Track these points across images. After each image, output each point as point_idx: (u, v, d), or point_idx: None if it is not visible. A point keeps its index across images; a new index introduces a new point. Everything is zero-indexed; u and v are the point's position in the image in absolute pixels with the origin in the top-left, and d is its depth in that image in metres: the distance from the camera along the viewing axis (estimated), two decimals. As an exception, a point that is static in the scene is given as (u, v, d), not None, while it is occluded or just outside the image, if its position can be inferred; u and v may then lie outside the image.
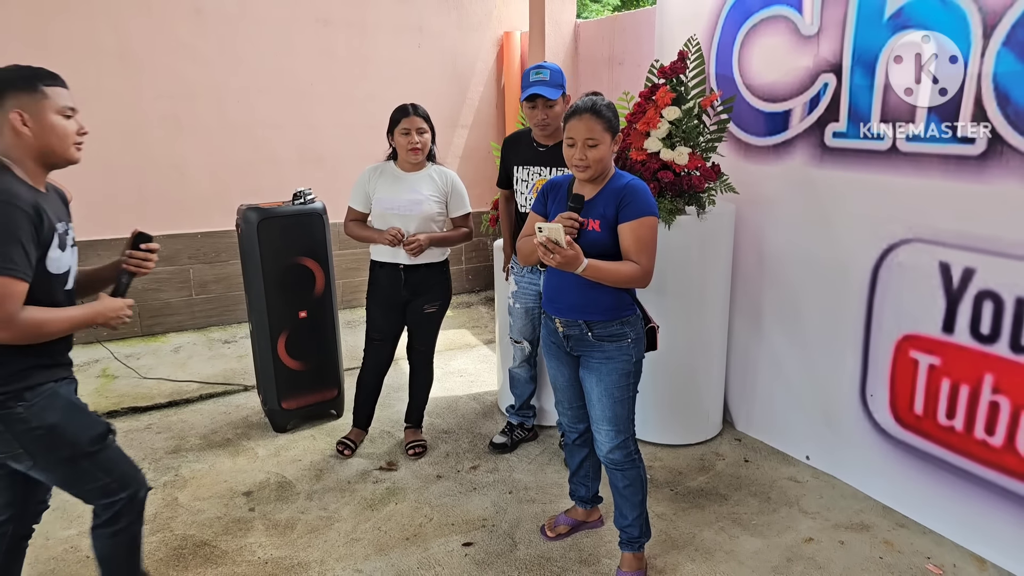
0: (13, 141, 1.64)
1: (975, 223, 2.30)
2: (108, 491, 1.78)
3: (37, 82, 1.66)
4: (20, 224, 1.56)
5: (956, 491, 2.47)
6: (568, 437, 2.41)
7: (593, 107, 2.01)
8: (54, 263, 1.67)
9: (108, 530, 1.81)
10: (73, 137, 1.71)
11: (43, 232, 1.62)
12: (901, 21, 2.43)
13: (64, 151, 1.70)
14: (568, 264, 1.93)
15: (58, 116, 1.68)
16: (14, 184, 1.60)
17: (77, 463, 1.72)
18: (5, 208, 1.54)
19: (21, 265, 1.55)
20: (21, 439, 1.65)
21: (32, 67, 1.68)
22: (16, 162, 1.65)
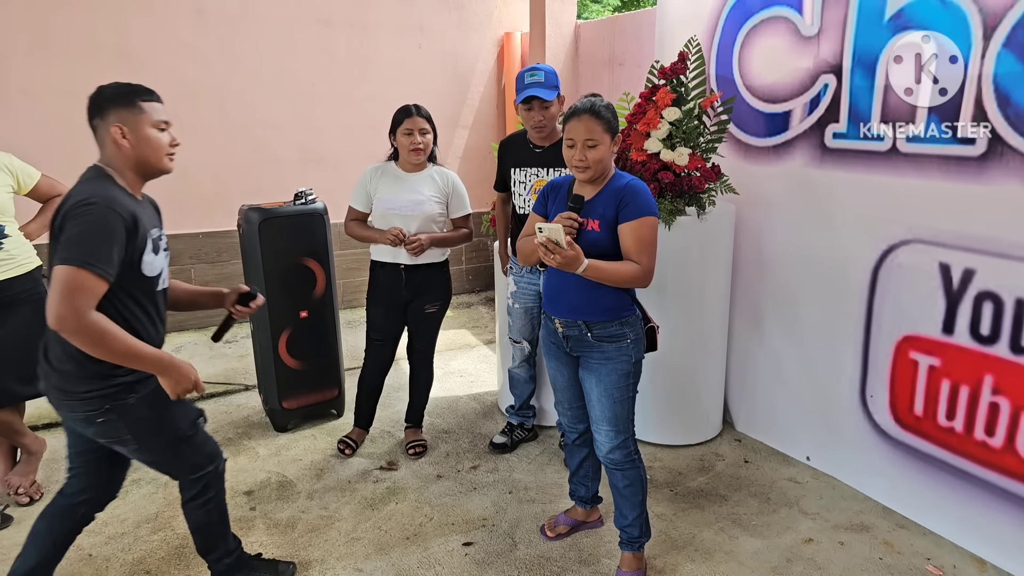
0: (114, 152, 1.79)
1: (975, 224, 2.31)
2: (198, 466, 1.97)
3: (136, 98, 1.79)
4: (115, 228, 1.67)
5: (956, 492, 2.47)
6: (568, 437, 2.42)
7: (592, 108, 2.02)
8: (148, 266, 1.79)
9: (200, 501, 2.01)
10: (167, 148, 1.85)
11: (137, 238, 1.74)
12: (901, 22, 2.43)
13: (158, 161, 1.84)
14: (568, 264, 1.93)
15: (153, 129, 1.81)
16: (115, 191, 1.74)
17: (177, 446, 1.91)
18: (105, 212, 1.66)
19: (106, 265, 1.65)
20: (131, 427, 1.81)
21: (132, 84, 1.82)
22: (117, 172, 1.80)
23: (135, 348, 1.70)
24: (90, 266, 1.62)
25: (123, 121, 1.77)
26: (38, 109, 4.22)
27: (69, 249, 1.63)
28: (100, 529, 2.57)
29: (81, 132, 4.97)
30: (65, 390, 1.77)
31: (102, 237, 1.65)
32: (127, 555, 2.43)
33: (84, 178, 1.78)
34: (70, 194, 1.72)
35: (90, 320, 1.62)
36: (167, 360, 1.76)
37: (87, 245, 1.63)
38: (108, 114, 1.77)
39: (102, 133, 1.78)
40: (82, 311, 1.61)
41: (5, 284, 2.52)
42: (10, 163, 2.59)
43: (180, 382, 1.78)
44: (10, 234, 2.54)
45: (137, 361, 1.71)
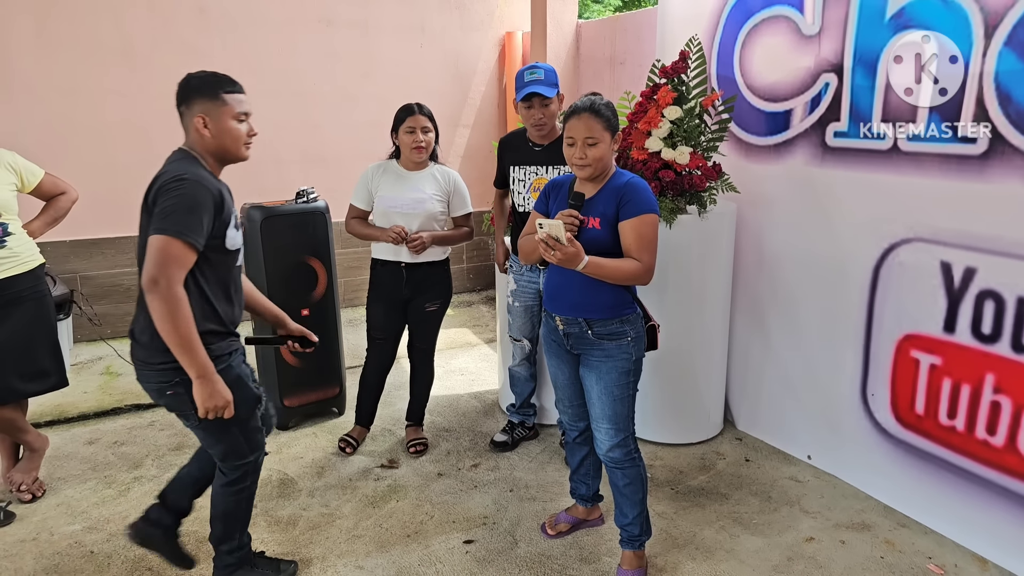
0: (197, 139, 1.91)
1: (976, 223, 2.30)
2: (241, 453, 2.02)
3: (219, 90, 1.90)
4: (205, 202, 1.79)
5: (957, 491, 2.47)
6: (569, 435, 2.42)
7: (592, 106, 2.02)
8: (230, 240, 1.91)
9: (234, 488, 2.05)
10: (244, 139, 1.95)
11: (223, 212, 1.86)
12: (902, 21, 2.43)
13: (236, 150, 1.95)
14: (569, 261, 1.93)
15: (233, 121, 1.92)
16: (203, 171, 1.87)
17: (229, 427, 1.95)
18: (195, 186, 1.79)
19: (196, 235, 1.76)
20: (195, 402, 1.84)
21: (217, 75, 1.93)
22: (200, 156, 1.92)
23: (194, 342, 1.76)
24: (182, 235, 1.73)
25: (206, 112, 1.88)
26: (41, 107, 4.23)
27: (163, 220, 1.74)
28: (102, 526, 2.58)
29: (83, 130, 5.00)
30: (144, 360, 1.88)
31: (192, 209, 1.76)
32: (129, 552, 2.43)
33: (172, 159, 1.90)
34: (162, 172, 1.85)
35: (176, 292, 1.73)
36: (210, 372, 1.80)
37: (179, 216, 1.74)
38: (193, 104, 1.89)
39: (187, 120, 1.91)
40: (172, 280, 1.73)
41: (9, 282, 2.53)
42: (14, 161, 2.59)
43: (213, 398, 1.81)
44: (14, 232, 2.55)
45: (188, 354, 1.75)
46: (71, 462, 3.06)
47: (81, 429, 3.39)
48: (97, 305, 4.54)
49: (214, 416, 1.84)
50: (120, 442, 3.25)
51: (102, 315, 4.56)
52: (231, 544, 2.13)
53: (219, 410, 1.84)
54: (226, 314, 1.94)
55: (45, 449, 2.84)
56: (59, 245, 4.32)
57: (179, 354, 1.76)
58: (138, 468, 3.01)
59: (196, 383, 1.79)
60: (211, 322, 1.88)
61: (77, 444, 3.23)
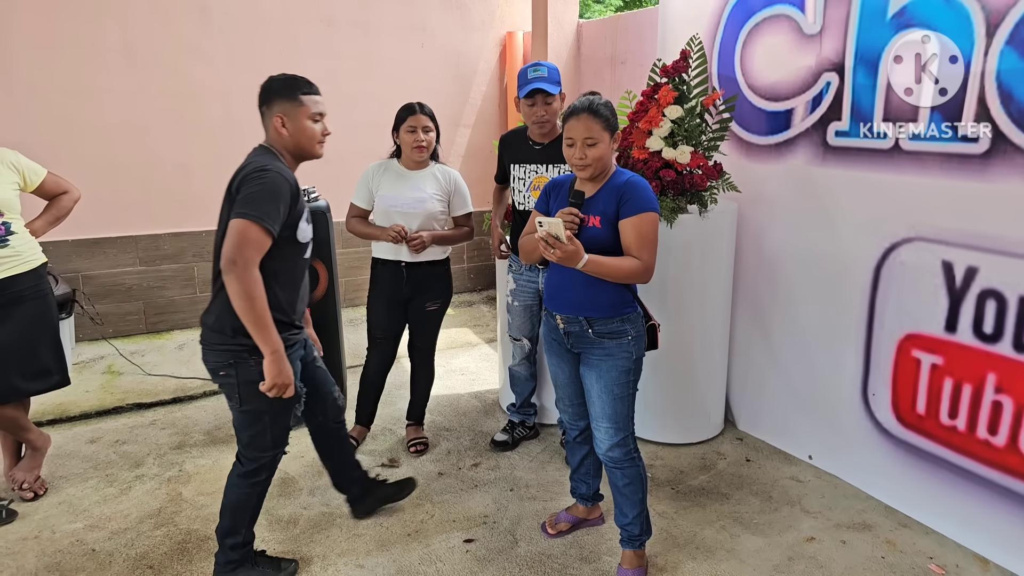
0: (275, 137, 2.05)
1: (978, 222, 2.30)
2: (264, 446, 2.09)
3: (297, 92, 2.03)
4: (283, 192, 1.92)
5: (959, 491, 2.46)
6: (569, 434, 2.42)
7: (591, 106, 2.02)
8: (302, 232, 2.03)
9: (249, 480, 2.12)
10: (318, 137, 2.08)
11: (298, 205, 1.99)
12: (904, 20, 2.43)
13: (311, 149, 2.08)
14: (569, 259, 1.94)
15: (309, 121, 2.04)
16: (281, 165, 2.00)
17: (262, 417, 2.04)
18: (276, 178, 1.92)
19: (273, 222, 1.89)
20: (242, 386, 1.98)
21: (295, 78, 2.06)
22: (278, 152, 2.05)
23: (268, 320, 1.88)
24: (260, 221, 1.86)
25: (284, 112, 2.01)
26: (43, 107, 4.24)
27: (245, 206, 1.87)
28: (103, 524, 2.58)
29: (85, 130, 5.01)
30: (206, 340, 2.01)
31: (272, 198, 1.89)
32: (130, 550, 2.44)
33: (254, 153, 2.04)
34: (245, 164, 1.99)
35: (252, 272, 1.85)
36: (282, 351, 1.92)
37: (260, 203, 1.87)
38: (273, 104, 2.03)
39: (267, 119, 2.05)
40: (249, 261, 1.85)
41: (11, 280, 2.53)
42: (16, 161, 2.60)
43: (281, 374, 1.92)
44: (16, 231, 2.56)
45: (263, 332, 1.87)
46: (73, 461, 3.06)
47: (83, 428, 3.39)
48: (99, 304, 4.55)
49: (276, 394, 1.93)
50: (121, 441, 3.25)
51: (104, 314, 4.57)
52: (235, 539, 2.16)
53: (282, 389, 1.93)
54: (290, 304, 2.05)
55: (47, 448, 2.85)
56: (61, 244, 4.33)
57: (254, 332, 1.87)
58: (139, 467, 3.01)
59: (268, 359, 1.90)
60: (275, 311, 1.95)
61: (79, 443, 3.23)
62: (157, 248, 4.69)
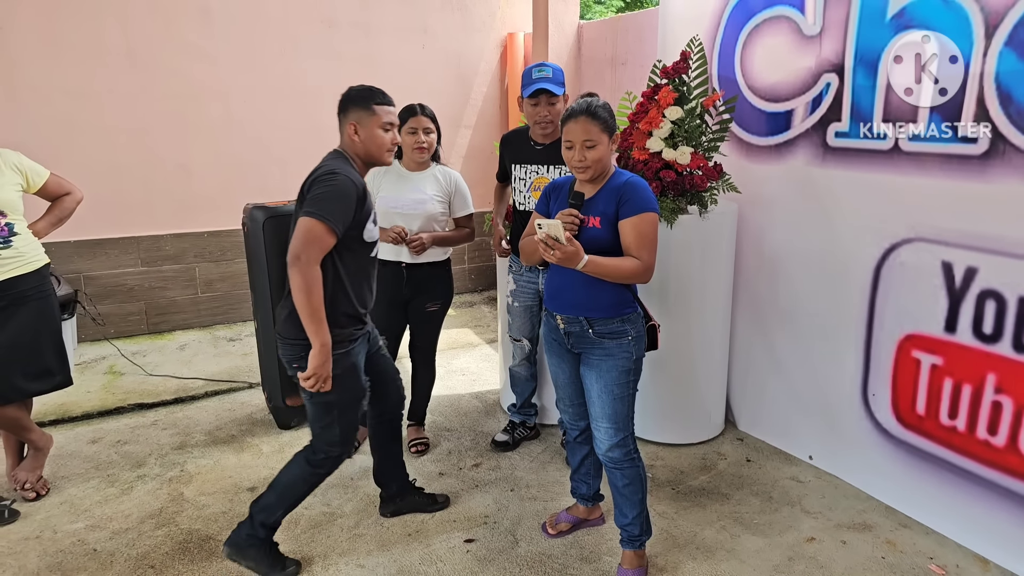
0: (348, 143, 2.18)
1: (978, 222, 2.30)
2: (332, 440, 2.21)
3: (371, 102, 2.13)
4: (351, 195, 2.04)
5: (959, 491, 2.46)
6: (569, 435, 2.42)
7: (589, 108, 2.03)
8: (368, 233, 2.15)
9: (311, 468, 2.23)
10: (388, 145, 2.17)
11: (365, 207, 2.10)
12: (903, 21, 2.43)
13: (379, 156, 2.18)
14: (568, 260, 1.94)
15: (380, 129, 2.14)
16: (351, 169, 2.12)
17: (330, 409, 2.17)
18: (345, 181, 2.04)
19: (338, 222, 2.00)
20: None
21: (372, 89, 2.16)
22: (350, 157, 2.17)
23: (321, 315, 2.00)
24: (326, 220, 1.98)
25: (358, 120, 2.13)
26: (45, 108, 4.25)
27: (314, 205, 1.99)
28: (104, 524, 2.59)
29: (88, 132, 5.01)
30: (280, 333, 2.15)
31: (339, 200, 2.01)
32: (131, 550, 2.44)
33: (329, 157, 2.16)
34: (318, 167, 2.10)
35: (313, 269, 1.98)
36: (328, 345, 2.03)
37: (327, 204, 1.99)
38: (349, 112, 2.15)
39: (342, 126, 2.17)
40: (312, 258, 1.98)
41: (14, 281, 2.54)
42: (19, 162, 2.61)
43: (323, 367, 2.03)
44: (19, 232, 2.57)
45: (315, 324, 1.99)
46: (74, 461, 3.07)
47: (84, 428, 3.40)
48: (101, 305, 4.56)
49: (314, 383, 2.03)
50: (123, 441, 3.26)
51: (105, 315, 4.58)
52: (268, 516, 2.24)
53: (319, 379, 2.04)
54: (359, 299, 2.17)
55: (49, 448, 2.85)
56: (63, 245, 4.34)
57: (307, 323, 1.99)
58: (141, 467, 3.02)
59: (314, 350, 2.01)
60: (344, 305, 2.12)
61: (80, 443, 3.24)
62: (158, 249, 4.70)
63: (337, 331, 2.09)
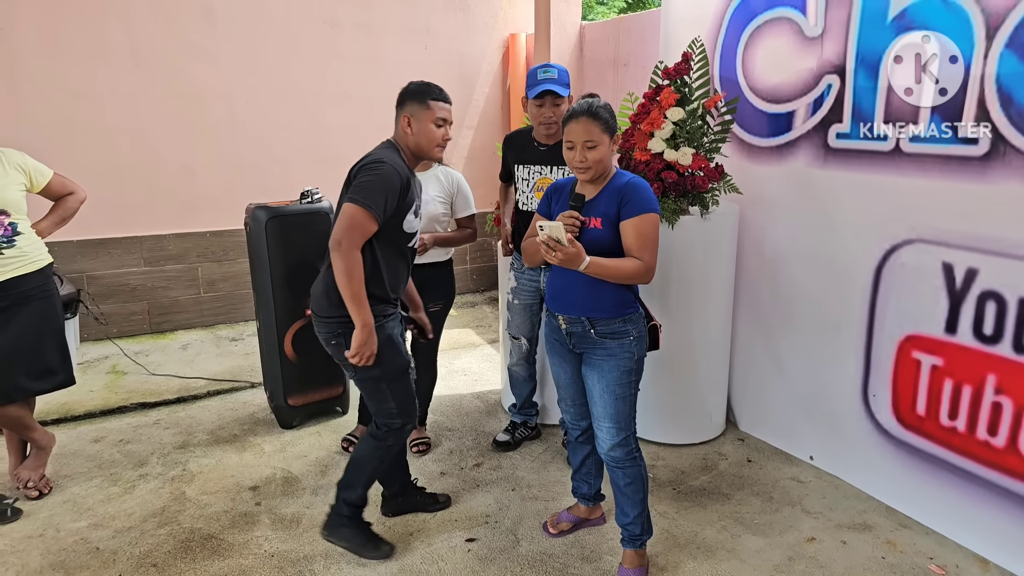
0: (401, 135, 2.23)
1: (978, 223, 2.31)
2: (389, 413, 2.27)
3: (427, 97, 2.18)
4: (394, 184, 2.10)
5: (959, 492, 2.47)
6: (571, 434, 2.43)
7: (590, 109, 2.04)
8: (408, 224, 2.21)
9: (376, 442, 2.32)
10: (438, 141, 2.21)
11: (407, 198, 2.16)
12: (905, 22, 2.44)
13: (429, 151, 2.23)
14: (570, 261, 1.95)
15: (432, 124, 2.19)
16: (399, 160, 2.18)
17: (379, 383, 2.23)
18: (390, 170, 2.10)
19: (380, 210, 2.07)
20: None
21: (429, 85, 2.21)
22: (402, 148, 2.23)
23: (363, 297, 2.08)
24: (369, 208, 2.05)
25: (412, 113, 2.18)
26: (48, 108, 4.26)
27: (358, 192, 2.06)
28: (107, 523, 2.60)
29: (90, 132, 5.02)
30: (318, 313, 2.21)
31: (383, 189, 2.07)
32: (134, 548, 2.45)
33: (380, 147, 2.23)
34: (368, 155, 2.17)
35: (354, 253, 2.05)
36: (371, 325, 2.10)
37: (371, 191, 2.06)
38: (405, 105, 2.20)
39: (398, 117, 2.22)
40: (353, 243, 2.05)
41: (18, 280, 2.55)
42: (23, 161, 2.62)
43: (367, 345, 2.10)
44: (23, 231, 2.58)
45: (357, 306, 2.07)
46: (77, 460, 3.08)
47: (87, 427, 3.41)
48: (103, 304, 4.57)
49: (361, 362, 2.11)
50: (126, 440, 3.27)
51: (108, 314, 4.59)
52: (350, 493, 2.33)
53: (365, 357, 2.11)
54: (391, 284, 2.23)
55: (52, 447, 2.87)
56: (66, 245, 4.35)
57: (349, 305, 2.07)
58: (143, 466, 3.03)
59: (357, 330, 2.09)
60: (376, 287, 2.17)
61: (83, 442, 3.25)
62: (161, 248, 4.71)
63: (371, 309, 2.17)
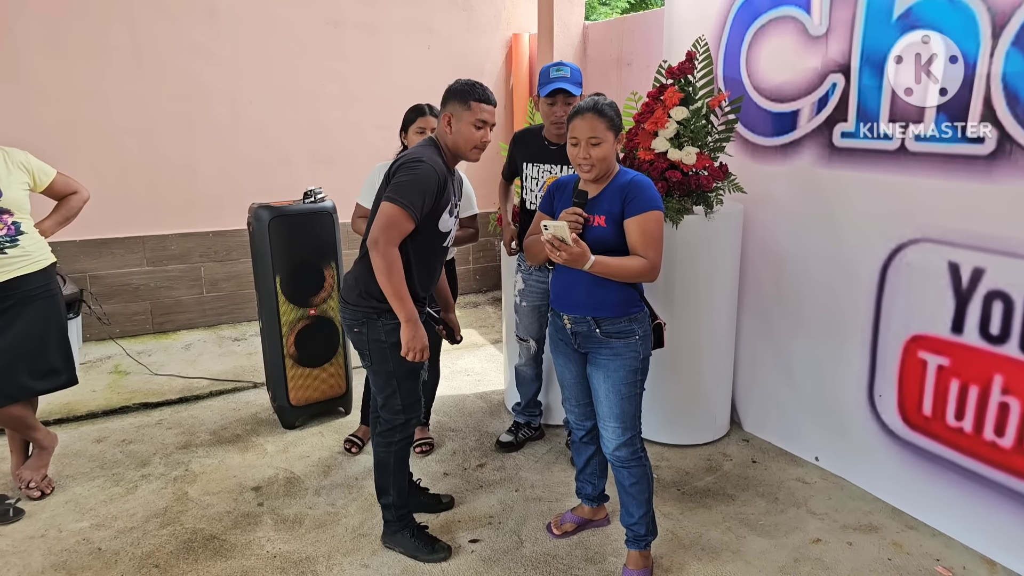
0: (442, 133, 2.22)
1: (984, 223, 2.29)
2: (394, 409, 2.29)
3: (470, 98, 2.16)
4: (431, 184, 2.10)
5: (965, 493, 2.45)
6: (575, 435, 2.42)
7: (595, 106, 2.03)
8: (443, 223, 2.22)
9: (383, 439, 2.33)
10: (476, 142, 2.19)
11: (443, 197, 2.16)
12: (910, 21, 2.43)
13: (466, 152, 2.21)
14: (575, 261, 1.94)
15: (472, 126, 2.16)
16: (437, 158, 2.17)
17: (390, 379, 2.25)
18: (428, 169, 2.10)
19: (417, 209, 2.08)
20: (370, 344, 2.22)
21: (474, 85, 2.18)
22: (442, 147, 2.22)
23: (404, 293, 2.09)
24: (406, 207, 2.06)
25: (453, 113, 2.16)
26: (51, 108, 4.26)
27: (396, 191, 2.08)
28: (109, 523, 2.59)
29: (94, 131, 5.02)
30: (345, 299, 2.24)
31: (420, 188, 2.08)
32: (136, 549, 2.45)
33: (421, 144, 2.23)
34: (408, 152, 2.20)
35: (392, 251, 2.07)
36: (415, 318, 2.12)
37: (408, 191, 2.07)
38: (448, 104, 2.19)
39: (441, 116, 2.20)
40: (391, 240, 2.06)
41: (21, 280, 2.55)
42: (27, 161, 2.62)
43: (416, 338, 2.12)
44: (26, 231, 2.57)
45: (399, 302, 2.08)
46: (79, 460, 3.08)
47: (89, 427, 3.41)
48: (106, 304, 4.57)
49: (413, 356, 2.13)
50: (128, 440, 3.27)
51: (111, 314, 4.59)
52: (385, 498, 2.37)
53: (417, 351, 2.12)
54: (420, 282, 2.25)
55: (54, 447, 2.86)
56: (68, 245, 4.35)
57: (392, 301, 2.08)
58: (146, 466, 3.03)
59: (404, 326, 2.11)
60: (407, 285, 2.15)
61: (86, 442, 3.25)
62: (164, 248, 4.71)
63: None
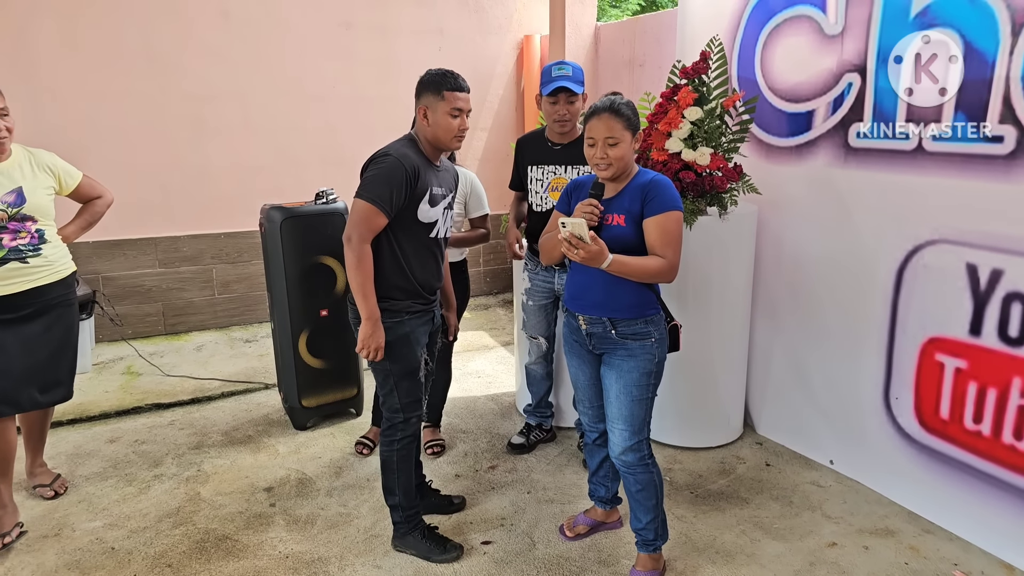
0: (419, 127, 2.23)
1: (1003, 223, 2.27)
2: (394, 407, 2.30)
3: (442, 88, 2.15)
4: (396, 176, 2.10)
5: (984, 497, 2.42)
6: (588, 436, 2.40)
7: (612, 106, 2.02)
8: (422, 213, 2.20)
9: (387, 439, 2.33)
10: (455, 131, 2.18)
11: (416, 188, 2.15)
12: (927, 20, 2.40)
13: (446, 140, 2.20)
14: (593, 259, 1.93)
15: (447, 116, 2.16)
16: (409, 151, 2.17)
17: (388, 377, 2.26)
18: (393, 162, 2.11)
19: (385, 203, 2.09)
20: None
21: (445, 74, 2.17)
22: (420, 140, 2.23)
23: (369, 290, 2.11)
24: (373, 202, 2.08)
25: (428, 104, 2.16)
26: (66, 110, 4.30)
27: (363, 186, 2.11)
28: (122, 523, 2.60)
29: (106, 133, 5.05)
30: (350, 301, 2.22)
31: (387, 181, 2.09)
32: (149, 549, 2.45)
33: (397, 140, 2.23)
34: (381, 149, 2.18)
35: (364, 247, 2.09)
36: (376, 318, 2.13)
37: (375, 185, 2.09)
38: (421, 96, 2.18)
39: (416, 109, 2.20)
40: (361, 237, 2.09)
41: (42, 290, 2.48)
42: (53, 163, 2.56)
43: (372, 337, 2.13)
44: (49, 239, 2.50)
45: (362, 298, 2.11)
46: (93, 460, 3.09)
47: (102, 427, 3.42)
48: (119, 306, 4.60)
49: (369, 355, 2.15)
50: (141, 440, 3.28)
51: (123, 315, 4.61)
52: (392, 499, 2.36)
53: (371, 350, 2.14)
54: (420, 278, 2.23)
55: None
56: (81, 246, 4.37)
57: (356, 297, 2.11)
58: (158, 466, 3.03)
59: (363, 323, 2.13)
60: (401, 279, 2.20)
61: (99, 442, 3.26)
62: (176, 250, 4.73)
63: (392, 302, 2.19)
